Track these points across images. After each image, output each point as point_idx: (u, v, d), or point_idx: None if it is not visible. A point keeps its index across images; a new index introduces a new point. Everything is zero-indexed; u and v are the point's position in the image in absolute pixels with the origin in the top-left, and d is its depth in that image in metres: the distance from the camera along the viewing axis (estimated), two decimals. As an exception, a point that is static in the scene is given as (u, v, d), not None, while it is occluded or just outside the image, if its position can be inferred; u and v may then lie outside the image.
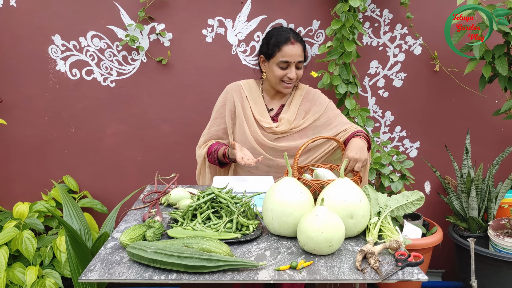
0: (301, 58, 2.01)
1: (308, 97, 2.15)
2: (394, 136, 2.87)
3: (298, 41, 2.00)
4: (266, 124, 2.06)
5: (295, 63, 1.99)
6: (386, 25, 2.73)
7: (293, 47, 1.98)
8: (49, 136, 2.81)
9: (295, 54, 1.98)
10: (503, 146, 2.78)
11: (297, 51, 1.99)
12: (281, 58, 1.98)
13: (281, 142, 2.08)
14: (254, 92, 2.14)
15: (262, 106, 2.11)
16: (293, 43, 1.98)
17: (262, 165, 2.10)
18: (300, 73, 2.04)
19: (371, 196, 1.53)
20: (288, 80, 2.01)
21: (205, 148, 2.14)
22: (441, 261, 2.97)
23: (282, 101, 2.16)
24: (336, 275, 1.17)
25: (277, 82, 2.03)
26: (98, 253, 1.31)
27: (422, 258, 1.23)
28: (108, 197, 2.89)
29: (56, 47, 2.70)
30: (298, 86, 2.17)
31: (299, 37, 2.04)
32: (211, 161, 2.12)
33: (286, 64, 1.99)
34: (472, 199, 2.53)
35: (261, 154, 2.07)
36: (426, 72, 2.79)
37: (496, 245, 2.37)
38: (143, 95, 2.78)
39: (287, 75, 2.00)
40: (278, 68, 2.00)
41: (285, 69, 2.00)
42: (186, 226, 1.42)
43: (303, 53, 2.02)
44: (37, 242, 2.43)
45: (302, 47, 2.02)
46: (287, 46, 1.97)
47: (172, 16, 2.69)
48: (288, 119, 2.08)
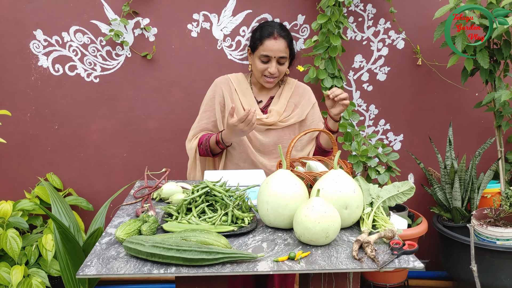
0: (283, 54, 2.02)
1: (298, 91, 2.18)
2: (379, 129, 2.91)
3: (282, 36, 2.02)
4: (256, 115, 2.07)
5: (276, 58, 2.01)
6: (370, 20, 2.77)
7: (275, 42, 1.99)
8: (31, 133, 2.75)
9: (276, 49, 1.99)
10: (483, 138, 2.85)
11: (279, 46, 2.00)
12: (262, 52, 2.01)
13: (270, 134, 2.10)
14: (243, 85, 2.15)
15: (251, 98, 2.13)
16: (276, 38, 2.00)
17: (247, 164, 2.13)
18: (282, 68, 2.05)
19: (363, 187, 1.55)
20: (268, 74, 2.03)
21: (195, 140, 2.13)
22: (425, 251, 3.03)
23: (271, 93, 2.18)
24: (334, 265, 1.18)
25: (259, 76, 2.06)
26: (93, 249, 1.29)
27: (417, 247, 1.26)
28: (93, 195, 2.85)
29: (38, 42, 2.65)
30: (287, 80, 2.20)
31: (285, 32, 2.05)
32: (202, 152, 2.11)
33: (267, 58, 2.01)
34: (455, 190, 2.58)
35: (250, 150, 2.09)
36: (409, 66, 2.83)
37: (479, 234, 2.43)
38: (128, 90, 2.75)
39: (267, 70, 2.02)
40: (260, 62, 2.03)
41: (266, 63, 2.02)
42: (181, 220, 1.42)
43: (286, 48, 2.03)
44: (22, 241, 2.39)
45: (286, 42, 2.03)
46: (269, 41, 1.99)
47: (157, 10, 2.67)
48: (277, 111, 2.10)
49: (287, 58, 2.06)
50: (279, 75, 2.06)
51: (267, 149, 2.13)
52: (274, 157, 2.15)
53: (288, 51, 2.05)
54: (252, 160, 2.12)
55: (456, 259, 2.60)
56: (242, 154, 2.12)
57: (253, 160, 2.12)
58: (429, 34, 2.67)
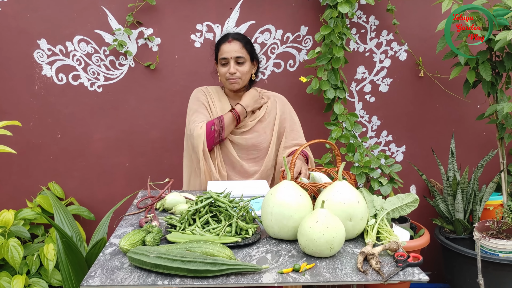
0: (239, 54, 2.14)
1: (265, 94, 2.32)
2: (381, 140, 2.91)
3: (235, 39, 2.17)
4: None
5: (233, 58, 2.14)
6: (373, 31, 2.78)
7: (229, 44, 2.15)
8: (34, 142, 2.76)
9: (231, 50, 2.13)
10: (486, 150, 2.85)
11: (234, 47, 2.14)
12: (220, 56, 2.16)
13: (246, 136, 2.20)
14: (219, 93, 2.29)
15: (226, 104, 2.25)
16: (230, 41, 2.16)
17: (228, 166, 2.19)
18: (242, 69, 2.17)
19: (367, 198, 1.55)
20: (229, 75, 2.15)
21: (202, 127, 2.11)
22: (427, 263, 3.01)
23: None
24: (339, 277, 1.18)
25: (224, 81, 2.20)
26: (97, 259, 1.29)
27: (422, 259, 1.25)
28: (95, 204, 2.85)
29: (42, 52, 2.67)
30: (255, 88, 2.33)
31: (239, 36, 2.20)
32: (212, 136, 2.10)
33: (225, 60, 2.15)
34: (458, 201, 2.58)
35: (230, 152, 2.17)
36: (411, 78, 2.84)
37: (482, 246, 2.42)
38: (131, 100, 2.76)
39: (228, 71, 2.14)
40: (221, 66, 2.17)
41: (226, 65, 2.16)
42: (185, 231, 1.41)
43: (242, 49, 2.16)
44: (23, 251, 2.38)
45: (241, 44, 2.17)
46: (224, 45, 2.16)
47: (160, 21, 2.68)
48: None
49: (244, 59, 2.16)
50: (241, 75, 2.16)
51: (245, 152, 2.21)
52: (252, 160, 2.22)
53: (245, 52, 2.17)
54: (232, 162, 2.19)
55: (458, 272, 2.59)
56: (222, 158, 2.20)
57: (232, 162, 2.19)
58: (432, 46, 2.68)
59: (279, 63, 2.79)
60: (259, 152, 2.21)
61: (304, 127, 2.32)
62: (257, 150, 2.20)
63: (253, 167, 2.21)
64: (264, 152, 2.22)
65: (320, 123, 2.77)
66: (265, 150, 2.23)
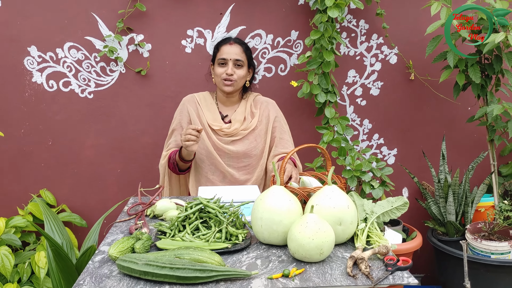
0: (239, 57, 2.17)
1: (259, 100, 2.34)
2: (372, 143, 2.92)
3: (237, 42, 2.20)
4: (217, 126, 2.21)
5: (232, 60, 2.16)
6: (363, 35, 2.79)
7: (230, 46, 2.18)
8: (25, 149, 2.74)
9: (231, 52, 2.16)
10: (476, 152, 2.86)
11: (234, 50, 2.17)
12: (219, 56, 2.18)
13: (236, 145, 2.21)
14: (208, 101, 2.30)
15: (215, 113, 2.26)
16: (231, 44, 2.19)
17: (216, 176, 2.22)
18: (240, 72, 2.18)
19: (357, 202, 1.56)
20: (226, 76, 2.16)
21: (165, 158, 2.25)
22: (420, 266, 3.02)
23: (235, 107, 2.31)
24: (329, 282, 1.18)
25: (219, 81, 2.19)
26: (86, 267, 1.28)
27: (411, 262, 1.26)
28: (87, 211, 2.83)
29: (32, 59, 2.66)
30: (249, 95, 2.34)
31: (241, 41, 2.24)
32: (172, 168, 2.22)
33: (224, 61, 2.17)
34: (449, 204, 2.59)
35: (218, 161, 2.19)
36: (402, 81, 2.86)
37: (474, 248, 2.43)
38: (122, 106, 2.75)
39: (225, 72, 2.15)
40: (218, 66, 2.19)
41: (224, 66, 2.17)
42: (175, 237, 1.41)
43: (242, 53, 2.19)
44: (14, 259, 2.36)
45: (242, 48, 2.20)
46: (225, 46, 2.19)
47: (151, 27, 2.68)
48: (238, 120, 2.23)
49: (243, 63, 2.19)
50: (237, 79, 2.17)
51: (235, 160, 2.22)
52: (243, 168, 2.23)
53: (245, 56, 2.20)
54: (221, 172, 2.21)
55: (451, 274, 2.59)
56: (211, 167, 2.22)
57: (222, 172, 2.21)
58: (422, 49, 2.69)
59: (270, 68, 2.79)
60: (250, 159, 2.21)
61: (296, 131, 2.34)
62: (248, 157, 2.21)
63: (244, 176, 2.21)
64: (256, 159, 2.23)
65: (311, 127, 2.78)
66: (257, 157, 2.23)
